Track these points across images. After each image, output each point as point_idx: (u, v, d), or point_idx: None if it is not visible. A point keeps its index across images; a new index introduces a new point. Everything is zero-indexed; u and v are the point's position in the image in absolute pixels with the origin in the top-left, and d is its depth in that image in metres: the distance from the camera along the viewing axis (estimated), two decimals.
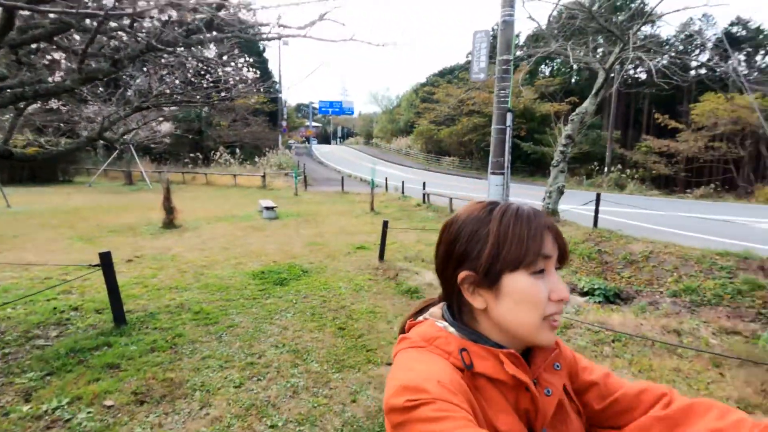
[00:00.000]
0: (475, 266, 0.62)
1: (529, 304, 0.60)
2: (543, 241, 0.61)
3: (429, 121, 36.37)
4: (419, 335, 0.64)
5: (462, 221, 0.66)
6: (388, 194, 15.91)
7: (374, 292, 4.89)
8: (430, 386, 0.53)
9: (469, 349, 0.61)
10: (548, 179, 8.77)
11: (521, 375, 0.60)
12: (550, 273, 0.63)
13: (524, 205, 0.66)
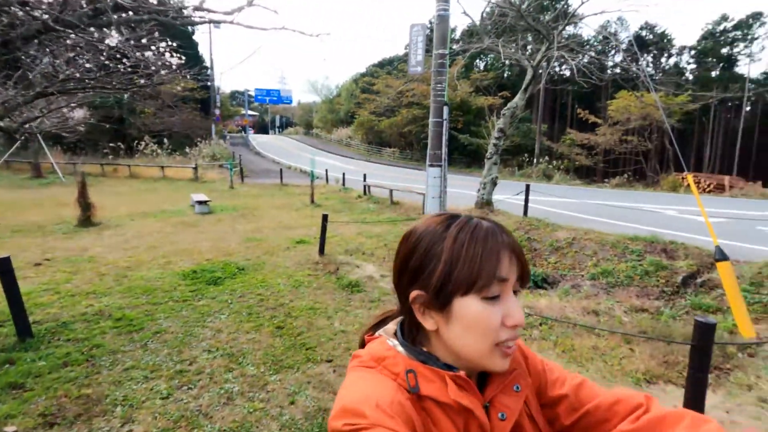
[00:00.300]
0: (427, 285, 0.59)
1: (479, 330, 0.57)
2: (499, 263, 0.57)
3: (369, 112, 36.35)
4: (369, 354, 0.63)
5: (419, 234, 0.62)
6: (329, 186, 15.72)
7: (314, 287, 4.81)
8: (367, 410, 0.52)
9: (417, 370, 0.59)
10: (483, 171, 9.13)
11: (465, 400, 0.58)
12: (507, 297, 0.59)
13: (484, 222, 0.61)
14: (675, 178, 20.71)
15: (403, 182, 16.05)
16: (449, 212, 0.66)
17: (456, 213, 0.65)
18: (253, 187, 16.79)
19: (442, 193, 7.67)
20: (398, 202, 11.29)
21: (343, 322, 3.88)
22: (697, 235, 6.63)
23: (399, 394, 0.56)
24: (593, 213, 9.45)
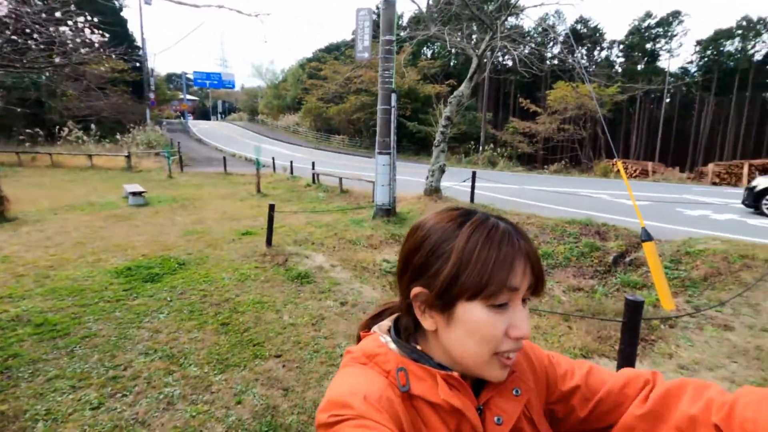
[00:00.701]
0: (431, 284, 0.56)
1: (480, 338, 0.55)
2: (512, 271, 0.54)
3: (317, 99, 35.55)
4: (361, 350, 0.62)
5: (428, 229, 0.60)
6: (276, 174, 15.25)
7: (262, 280, 4.65)
8: (355, 402, 0.52)
9: (408, 368, 0.58)
10: (431, 158, 9.26)
11: (455, 401, 0.56)
12: (515, 307, 0.56)
13: (501, 223, 0.57)
14: (606, 164, 22.26)
15: (352, 170, 15.93)
16: (464, 207, 0.62)
17: (471, 209, 0.61)
18: (194, 176, 15.91)
19: (392, 181, 7.68)
20: (348, 190, 11.20)
21: (292, 315, 3.78)
22: (626, 217, 7.17)
23: (389, 390, 0.55)
24: (535, 198, 9.92)
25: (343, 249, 5.94)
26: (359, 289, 4.46)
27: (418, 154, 30.95)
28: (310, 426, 2.31)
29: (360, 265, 5.21)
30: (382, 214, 7.68)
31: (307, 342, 3.26)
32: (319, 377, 2.79)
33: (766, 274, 4.37)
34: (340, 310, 3.90)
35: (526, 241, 0.57)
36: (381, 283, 4.77)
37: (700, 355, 3.15)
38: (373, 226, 7.24)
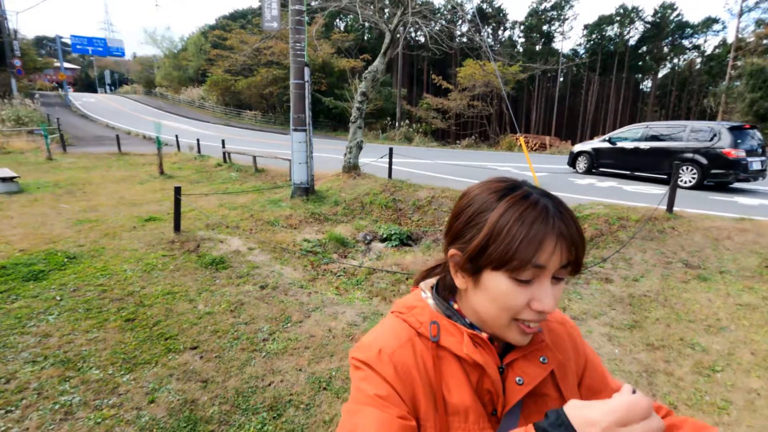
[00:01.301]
0: (464, 249, 0.60)
1: (500, 305, 0.59)
2: (539, 250, 0.55)
3: (224, 71, 33.01)
4: (404, 303, 0.70)
5: (472, 197, 0.63)
6: (182, 154, 14.03)
7: (171, 269, 4.31)
8: (371, 353, 0.63)
9: (440, 323, 0.64)
10: (349, 135, 9.18)
11: (477, 356, 0.61)
12: (540, 283, 0.58)
13: (542, 201, 0.58)
14: (511, 139, 24.01)
15: (267, 148, 15.24)
16: (513, 180, 0.63)
17: (519, 183, 0.63)
18: (81, 157, 14.00)
19: (309, 159, 7.50)
20: (263, 169, 10.71)
21: (208, 303, 3.59)
22: None
23: (410, 342, 0.63)
24: (449, 172, 10.40)
25: (261, 231, 5.72)
26: (280, 271, 4.36)
27: (336, 130, 30.54)
28: (234, 415, 2.25)
29: (279, 246, 5.07)
30: (300, 193, 7.50)
31: (225, 330, 3.13)
32: (241, 364, 2.70)
33: (637, 232, 5.11)
34: (261, 294, 3.79)
35: (565, 222, 0.57)
36: (302, 263, 4.70)
37: (587, 306, 3.62)
38: (292, 205, 7.05)
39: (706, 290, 3.91)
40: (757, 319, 3.39)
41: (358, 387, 0.62)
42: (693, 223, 5.28)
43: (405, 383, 0.61)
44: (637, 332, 3.26)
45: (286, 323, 3.28)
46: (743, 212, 5.82)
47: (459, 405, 0.61)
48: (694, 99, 48.26)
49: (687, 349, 3.01)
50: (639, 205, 6.19)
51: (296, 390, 2.47)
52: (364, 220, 6.63)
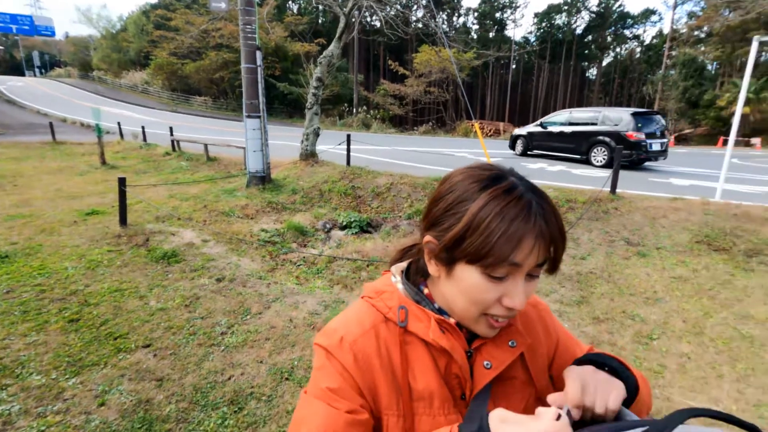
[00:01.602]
0: (440, 237, 0.58)
1: (470, 298, 0.58)
2: (516, 249, 0.53)
3: (169, 53, 31.16)
4: (373, 287, 0.69)
5: (454, 183, 0.60)
6: (126, 142, 13.18)
7: (118, 265, 4.07)
8: (333, 340, 0.63)
9: (409, 308, 0.64)
10: (305, 122, 8.98)
11: (444, 342, 0.61)
12: (514, 280, 0.56)
13: (527, 196, 0.55)
14: (467, 125, 24.48)
15: (220, 135, 14.64)
16: (499, 169, 0.60)
17: (504, 172, 0.59)
18: (9, 147, 12.81)
19: (264, 146, 7.28)
20: (216, 157, 10.29)
21: (160, 299, 3.43)
22: None
23: (375, 329, 0.63)
24: (407, 159, 10.47)
25: (216, 222, 5.52)
26: (237, 262, 4.24)
27: (292, 117, 29.82)
28: (193, 412, 2.18)
29: (236, 237, 4.92)
30: (256, 181, 7.29)
31: (180, 326, 3.01)
32: (199, 360, 2.62)
33: (583, 213, 5.40)
34: (217, 287, 3.67)
35: (547, 221, 0.55)
36: (260, 254, 4.60)
37: (539, 284, 3.80)
38: (248, 195, 6.85)
39: (644, 265, 4.22)
40: (688, 290, 3.71)
41: (314, 376, 0.63)
42: (633, 204, 5.65)
43: (364, 372, 0.61)
44: (584, 307, 3.47)
45: (245, 315, 3.21)
46: (677, 192, 6.29)
47: (424, 391, 0.61)
48: (634, 86, 51.21)
49: (628, 320, 3.25)
50: (586, 188, 6.53)
51: (257, 382, 2.43)
52: (323, 208, 6.56)
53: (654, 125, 9.96)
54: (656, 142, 9.72)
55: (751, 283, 3.81)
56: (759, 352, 2.80)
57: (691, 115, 34.10)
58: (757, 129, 28.56)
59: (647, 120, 9.95)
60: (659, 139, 9.82)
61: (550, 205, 0.56)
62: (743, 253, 4.41)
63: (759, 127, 29.02)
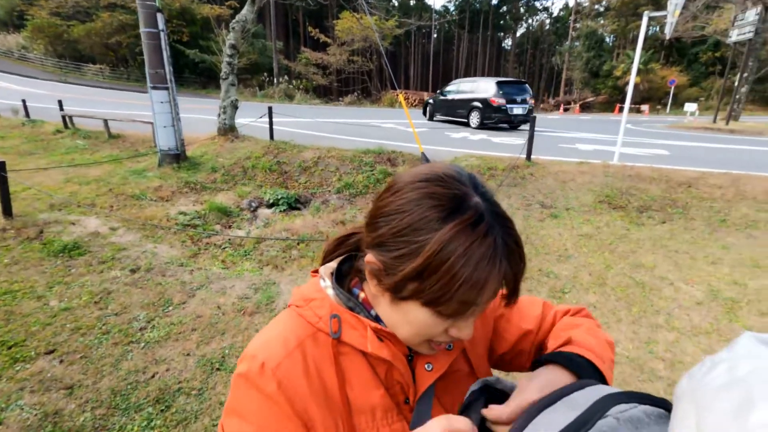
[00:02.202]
0: (387, 267, 0.51)
1: (417, 332, 0.54)
2: (480, 294, 0.48)
3: (50, 13, 26.87)
4: (300, 294, 0.62)
5: (406, 201, 0.50)
6: (4, 119, 11.31)
7: (6, 263, 3.55)
8: (253, 367, 0.54)
9: (342, 316, 0.58)
10: (221, 93, 8.34)
11: (383, 353, 0.57)
12: (472, 316, 0.53)
13: (493, 233, 0.48)
14: (392, 96, 24.48)
15: (122, 109, 13.14)
16: (458, 181, 0.51)
17: (464, 190, 0.50)
18: None
19: (176, 121, 6.66)
20: (119, 135, 9.23)
21: (63, 297, 3.06)
22: (411, 143, 8.15)
23: (297, 353, 0.55)
24: (333, 131, 10.24)
25: (125, 207, 5.01)
26: (153, 250, 3.90)
27: (206, 87, 27.62)
28: (113, 417, 2.01)
29: (150, 222, 4.52)
30: (169, 160, 6.69)
31: (90, 325, 2.72)
32: (115, 361, 2.40)
33: (503, 180, 5.72)
34: (132, 279, 3.36)
35: (512, 261, 0.50)
36: (180, 239, 4.27)
37: None
38: (161, 175, 6.27)
39: (557, 226, 4.61)
40: (593, 246, 4.13)
41: (230, 414, 0.55)
42: (546, 169, 6.10)
43: (293, 399, 0.54)
44: None
45: (166, 307, 2.99)
46: (583, 157, 6.90)
47: (364, 404, 0.57)
48: (545, 57, 54.52)
49: (544, 277, 3.55)
50: (504, 155, 6.91)
51: (185, 376, 2.29)
52: (247, 186, 6.24)
53: (516, 93, 11.62)
54: (517, 107, 11.45)
55: (642, 236, 4.34)
56: (649, 296, 3.23)
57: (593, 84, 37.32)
58: (646, 97, 32.14)
59: (510, 88, 11.59)
60: (520, 104, 11.53)
61: (512, 234, 0.51)
62: (636, 209, 4.99)
63: (647, 95, 32.66)
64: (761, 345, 0.27)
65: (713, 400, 0.26)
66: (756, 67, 18.03)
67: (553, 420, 0.39)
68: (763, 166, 6.88)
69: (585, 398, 0.41)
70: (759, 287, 3.33)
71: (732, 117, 16.81)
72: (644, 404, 0.38)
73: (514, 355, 0.73)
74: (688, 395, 0.28)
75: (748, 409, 0.23)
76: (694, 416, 0.27)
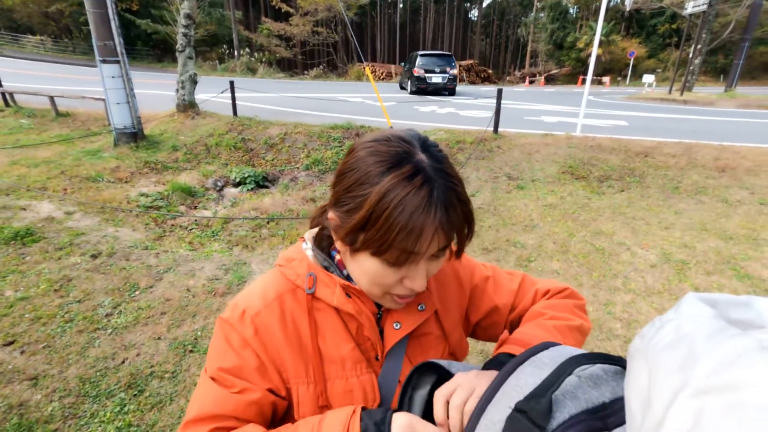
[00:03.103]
0: (342, 220, 0.55)
1: (372, 282, 0.57)
2: (417, 241, 0.51)
3: None
4: (284, 254, 0.69)
5: (356, 159, 0.54)
6: None
7: None
8: (235, 314, 0.63)
9: (317, 275, 0.63)
10: (178, 67, 7.90)
11: (349, 307, 0.62)
12: (415, 265, 0.55)
13: (429, 185, 0.50)
14: (359, 68, 23.94)
15: (69, 84, 12.24)
16: (406, 142, 0.54)
17: (410, 148, 0.53)
18: None
19: (131, 97, 6.28)
20: (68, 113, 8.63)
21: (19, 287, 2.91)
22: (380, 117, 8.06)
23: (275, 304, 0.63)
24: (299, 106, 9.97)
25: (80, 189, 4.75)
26: (114, 234, 3.74)
27: (162, 61, 26.10)
28: (83, 405, 1.97)
29: (109, 205, 4.31)
30: (126, 139, 6.34)
31: (52, 314, 2.62)
32: (81, 348, 2.33)
33: (472, 153, 5.79)
34: (93, 265, 3.23)
35: (448, 210, 0.51)
36: (143, 222, 4.12)
37: None
38: (118, 155, 5.96)
39: (523, 197, 4.74)
40: (556, 216, 4.29)
41: (211, 353, 0.63)
42: (513, 141, 6.21)
43: (267, 345, 0.61)
44: (475, 240, 3.81)
45: (132, 292, 2.90)
46: (547, 129, 7.05)
47: (335, 355, 0.63)
48: (511, 29, 54.46)
49: (511, 247, 3.67)
50: (472, 128, 6.96)
51: (158, 360, 2.26)
52: (212, 164, 6.03)
53: (435, 64, 13.59)
54: (436, 77, 13.53)
55: (602, 204, 4.54)
56: (608, 261, 3.41)
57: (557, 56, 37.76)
58: (607, 68, 32.89)
59: (429, 59, 13.69)
60: (439, 74, 13.56)
61: (454, 189, 0.53)
62: (597, 179, 5.19)
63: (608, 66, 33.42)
64: (703, 304, 0.29)
65: (662, 358, 0.28)
66: (709, 39, 18.73)
67: (522, 381, 0.41)
68: (712, 135, 7.27)
69: (550, 358, 0.44)
70: (706, 249, 3.58)
71: (686, 88, 17.52)
72: (603, 363, 0.41)
73: (488, 325, 0.77)
74: (641, 354, 0.31)
75: (692, 364, 0.25)
76: (645, 373, 0.29)
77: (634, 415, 0.30)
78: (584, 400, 0.37)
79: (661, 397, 0.26)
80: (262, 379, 0.61)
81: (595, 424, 0.35)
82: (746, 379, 0.22)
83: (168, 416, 1.94)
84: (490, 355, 0.64)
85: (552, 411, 0.36)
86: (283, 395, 0.62)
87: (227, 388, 0.59)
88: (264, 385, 0.60)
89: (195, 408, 0.59)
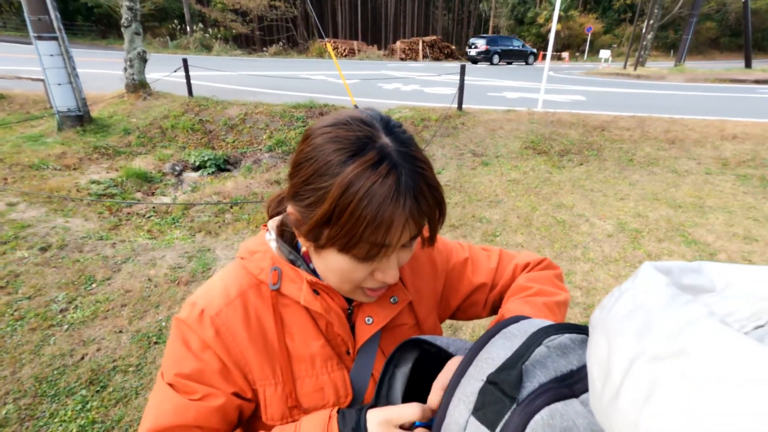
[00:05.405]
0: (303, 215, 0.51)
1: (342, 278, 0.54)
2: (387, 233, 0.47)
3: None
4: (246, 246, 0.63)
5: (313, 146, 0.49)
6: None
7: None
8: (193, 314, 0.57)
9: (282, 269, 0.59)
10: (125, 44, 7.37)
11: (317, 306, 0.58)
12: (386, 257, 0.52)
13: (399, 165, 0.47)
14: (321, 45, 23.24)
15: (3, 64, 11.22)
16: (366, 124, 0.49)
17: (372, 131, 0.49)
18: None
19: (73, 77, 5.83)
20: (2, 95, 7.94)
21: None
22: (343, 95, 7.90)
23: (237, 302, 0.58)
24: (259, 85, 9.61)
25: (23, 179, 4.42)
26: (64, 225, 3.53)
27: (106, 37, 24.35)
28: (41, 405, 1.88)
29: (57, 195, 4.05)
30: (71, 123, 5.92)
31: (15, 307, 2.46)
32: (35, 347, 2.21)
33: (437, 131, 5.80)
34: (43, 258, 3.04)
35: (418, 198, 0.48)
36: (96, 211, 3.89)
37: None
38: (63, 140, 5.56)
39: (487, 173, 4.82)
40: (520, 191, 4.40)
41: (168, 357, 0.58)
42: (477, 118, 6.26)
43: (230, 346, 0.57)
44: None
45: (88, 285, 2.76)
46: (510, 105, 7.14)
47: (304, 353, 0.59)
48: (473, 3, 54.22)
49: (477, 223, 3.75)
50: (437, 106, 6.96)
51: (120, 354, 2.18)
52: (169, 148, 5.75)
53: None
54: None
55: (563, 178, 4.69)
56: (568, 233, 3.55)
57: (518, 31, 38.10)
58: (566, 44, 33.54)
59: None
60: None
61: (423, 174, 0.49)
62: (557, 153, 5.34)
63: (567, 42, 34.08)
64: (658, 273, 0.30)
65: (619, 328, 0.28)
66: (660, 15, 19.40)
67: (494, 354, 0.42)
68: (663, 108, 7.61)
69: (520, 329, 0.45)
70: (657, 217, 3.79)
71: (639, 63, 18.17)
72: (570, 332, 0.41)
73: (468, 305, 0.75)
74: (601, 324, 0.31)
75: (648, 332, 0.26)
76: (605, 344, 0.29)
77: (595, 384, 0.30)
78: (553, 369, 0.39)
79: (619, 366, 0.27)
80: (226, 382, 0.56)
81: (563, 391, 0.37)
82: (694, 345, 0.23)
83: (135, 410, 1.88)
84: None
85: (522, 381, 0.38)
86: (249, 397, 0.58)
87: (187, 394, 0.55)
88: (228, 389, 0.56)
89: (150, 418, 0.54)
